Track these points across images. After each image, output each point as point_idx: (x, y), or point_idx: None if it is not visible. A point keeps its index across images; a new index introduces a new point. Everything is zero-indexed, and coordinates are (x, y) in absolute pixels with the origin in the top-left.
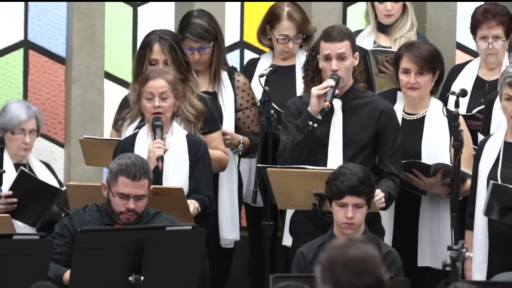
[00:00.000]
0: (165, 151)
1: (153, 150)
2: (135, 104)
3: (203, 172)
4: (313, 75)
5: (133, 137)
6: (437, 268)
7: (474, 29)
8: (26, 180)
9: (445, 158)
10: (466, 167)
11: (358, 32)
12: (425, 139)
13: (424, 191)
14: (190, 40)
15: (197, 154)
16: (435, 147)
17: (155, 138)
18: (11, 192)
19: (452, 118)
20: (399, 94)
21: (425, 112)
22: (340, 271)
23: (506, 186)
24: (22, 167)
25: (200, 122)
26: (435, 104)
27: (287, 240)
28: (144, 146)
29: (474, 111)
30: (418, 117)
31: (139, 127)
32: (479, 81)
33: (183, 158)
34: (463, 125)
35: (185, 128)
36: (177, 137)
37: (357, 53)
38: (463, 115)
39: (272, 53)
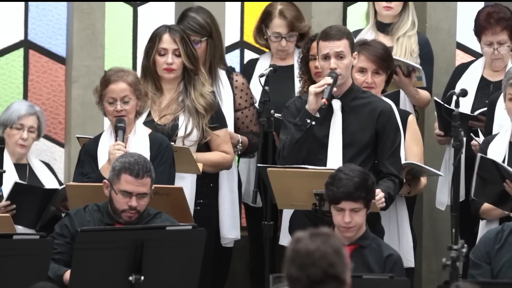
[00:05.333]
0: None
1: (113, 152)
2: (142, 100)
3: (159, 166)
4: (301, 67)
5: (97, 138)
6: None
7: (478, 33)
8: (21, 190)
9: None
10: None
11: (358, 31)
12: None
13: None
14: None
15: (157, 151)
16: None
17: (116, 140)
18: (9, 202)
19: (406, 117)
20: (401, 94)
21: None
22: (289, 265)
23: (493, 160)
24: (16, 181)
25: (209, 115)
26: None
27: (284, 239)
28: (106, 147)
29: (477, 112)
30: None
31: (146, 122)
32: (483, 82)
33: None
34: (413, 124)
35: (192, 121)
36: (139, 136)
37: (356, 52)
38: (466, 115)
39: (271, 53)
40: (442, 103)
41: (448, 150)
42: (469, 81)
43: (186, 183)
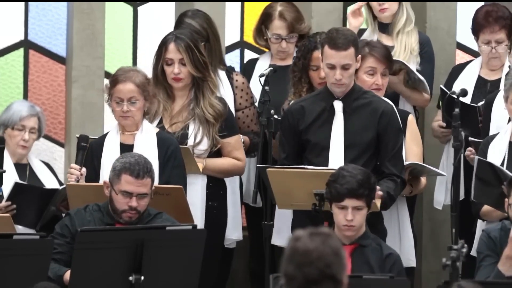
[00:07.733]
0: (77, 178)
1: (67, 176)
2: (151, 101)
3: (174, 169)
4: (300, 75)
5: (103, 137)
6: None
7: (475, 32)
8: (21, 191)
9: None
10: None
11: (362, 31)
12: None
13: None
14: None
15: (167, 152)
16: None
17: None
18: (9, 203)
19: (405, 116)
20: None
21: None
22: (286, 263)
23: (490, 162)
24: (16, 181)
25: (218, 123)
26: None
27: (276, 239)
28: (111, 146)
29: (480, 104)
30: None
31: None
32: (480, 81)
33: (153, 156)
34: (413, 124)
35: (202, 130)
36: (146, 135)
37: (360, 56)
38: (468, 105)
39: (271, 53)
40: (448, 91)
41: (446, 150)
42: (466, 81)
43: (197, 186)
